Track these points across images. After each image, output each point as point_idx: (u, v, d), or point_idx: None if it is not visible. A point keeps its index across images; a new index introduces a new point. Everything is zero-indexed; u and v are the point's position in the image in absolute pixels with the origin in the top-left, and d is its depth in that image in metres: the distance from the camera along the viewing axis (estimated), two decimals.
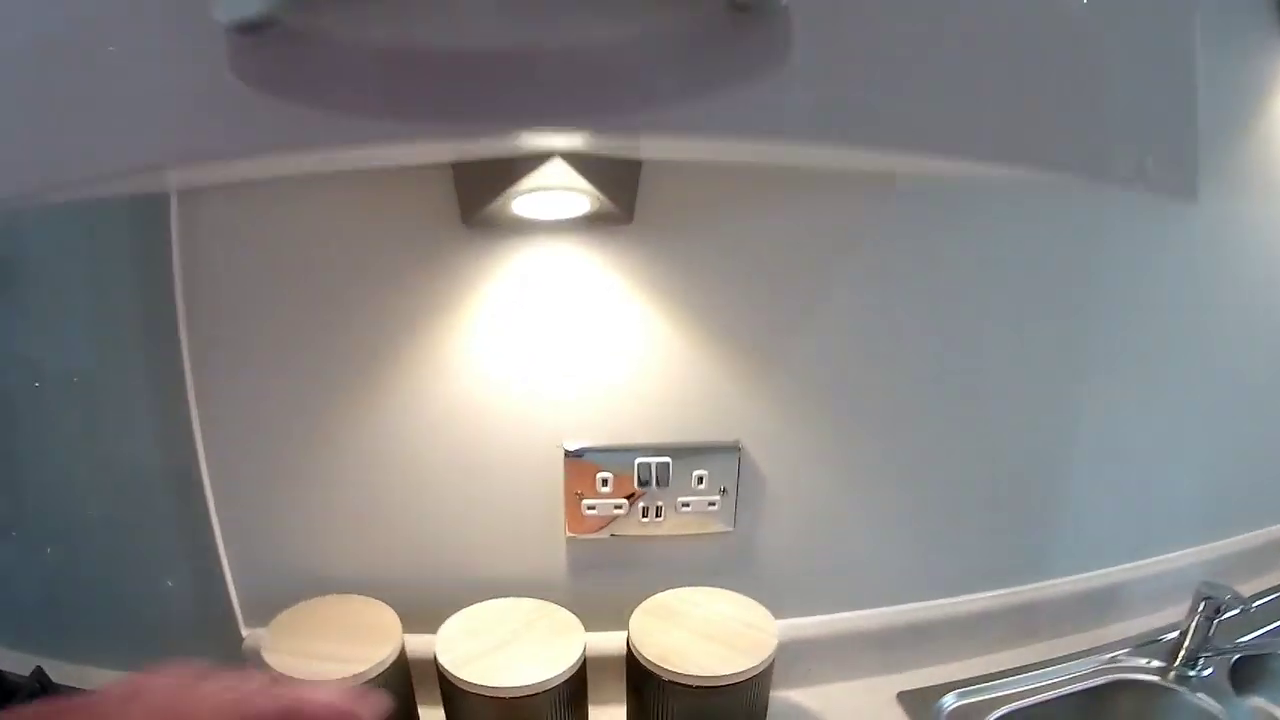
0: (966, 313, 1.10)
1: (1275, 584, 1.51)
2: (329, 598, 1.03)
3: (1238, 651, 1.30)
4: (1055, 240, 1.09)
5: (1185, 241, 1.22)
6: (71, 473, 1.04)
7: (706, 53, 0.46)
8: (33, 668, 1.02)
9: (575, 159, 0.76)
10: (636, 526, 1.06)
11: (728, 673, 0.92)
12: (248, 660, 1.04)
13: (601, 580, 1.08)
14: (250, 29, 0.38)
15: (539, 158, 0.75)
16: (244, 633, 1.08)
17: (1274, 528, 1.54)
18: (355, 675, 0.89)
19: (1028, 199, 1.05)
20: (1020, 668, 1.26)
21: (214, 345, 0.97)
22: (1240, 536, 1.49)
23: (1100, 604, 1.36)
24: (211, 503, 1.03)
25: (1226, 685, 1.27)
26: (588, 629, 0.98)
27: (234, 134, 0.43)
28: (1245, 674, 1.32)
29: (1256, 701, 1.34)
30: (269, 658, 0.91)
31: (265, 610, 1.02)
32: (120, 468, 1.03)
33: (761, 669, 0.94)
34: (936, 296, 1.08)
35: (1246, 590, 1.39)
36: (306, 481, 1.04)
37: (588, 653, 0.96)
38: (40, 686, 1.02)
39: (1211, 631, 1.25)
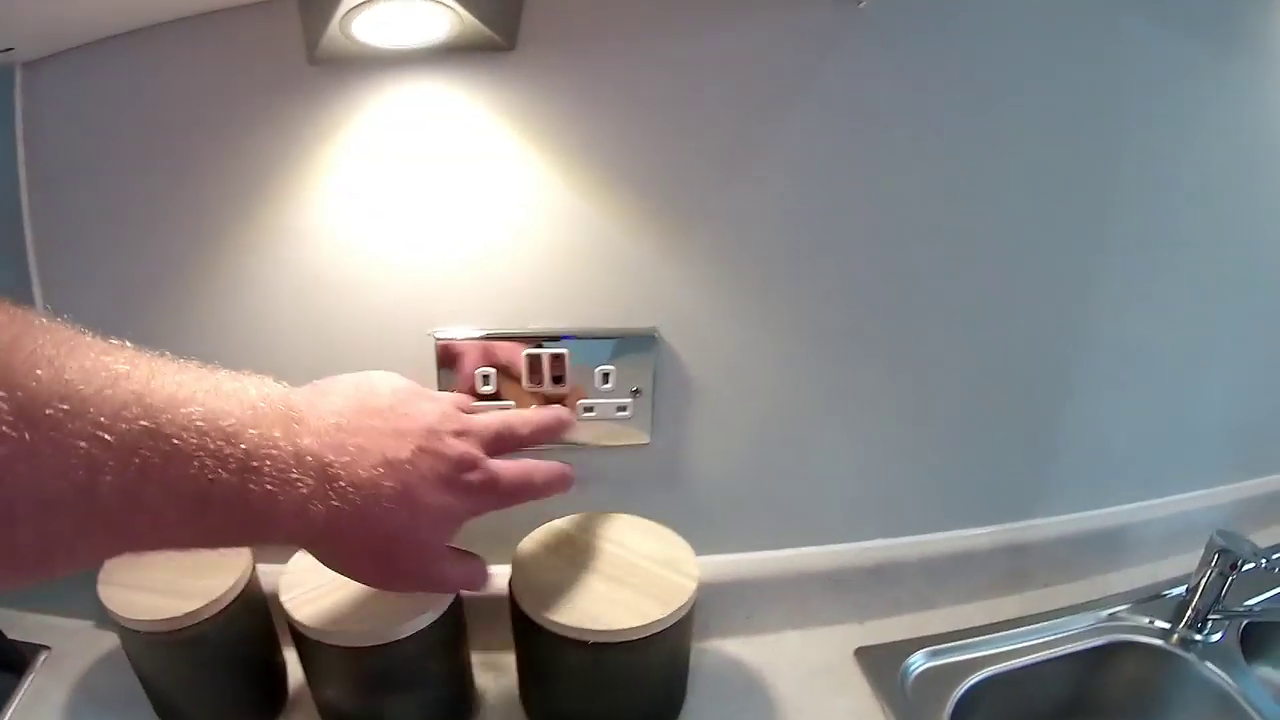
0: (950, 166, 0.91)
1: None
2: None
3: (1251, 616, 1.21)
4: (1070, 78, 0.90)
5: (1244, 85, 1.02)
6: None
7: None
8: None
9: None
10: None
11: (630, 625, 0.75)
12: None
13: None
14: None
15: None
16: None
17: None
18: (191, 612, 0.75)
19: (1035, 19, 0.86)
20: (1004, 622, 1.14)
21: (59, 229, 0.84)
22: (1272, 478, 1.37)
23: (1102, 548, 1.23)
24: None
25: (1237, 652, 1.19)
26: None
27: None
28: (1256, 638, 1.24)
29: (1265, 671, 1.27)
30: (102, 591, 0.78)
31: None
32: None
33: (674, 620, 0.77)
34: (913, 145, 0.89)
35: (1270, 538, 1.32)
36: None
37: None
38: None
39: (1225, 590, 1.15)
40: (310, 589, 0.76)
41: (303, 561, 0.79)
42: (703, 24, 0.78)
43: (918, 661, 1.04)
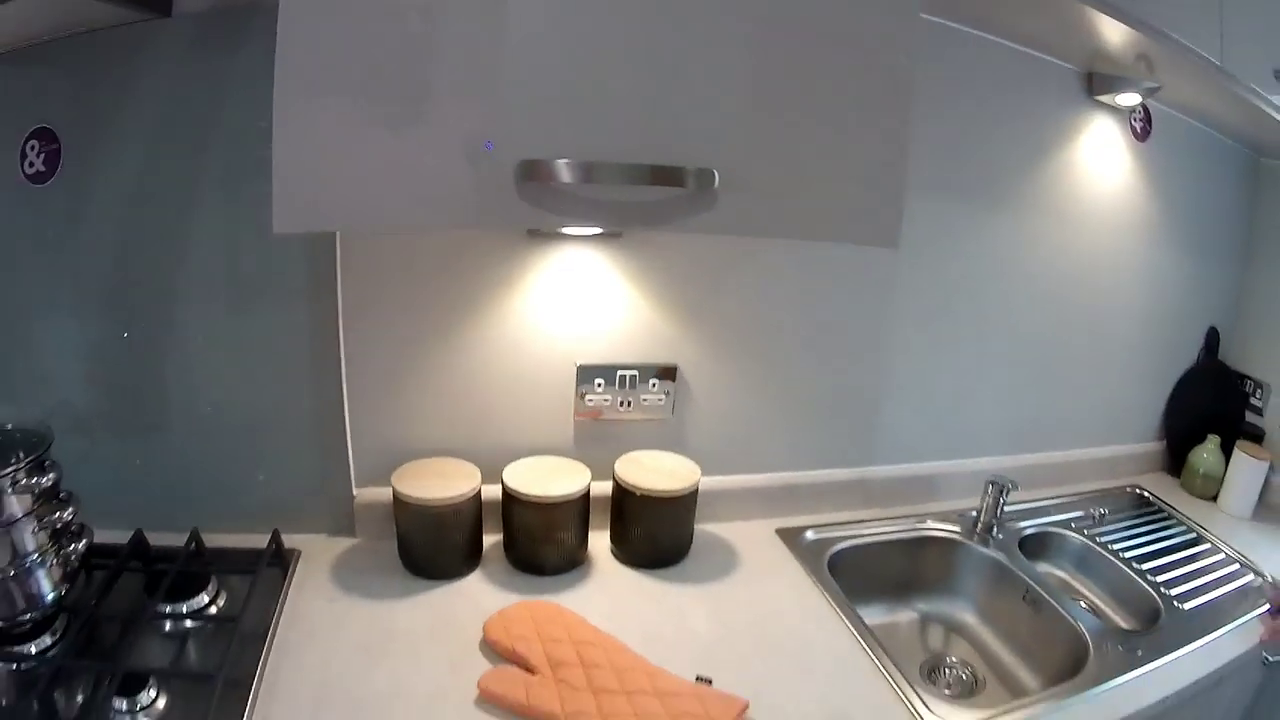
0: (825, 292, 1.89)
1: (1053, 494, 2.30)
2: (432, 459, 1.69)
3: (1019, 521, 2.03)
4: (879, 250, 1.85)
5: (1002, 238, 2.08)
6: (244, 383, 1.60)
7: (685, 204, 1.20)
8: (189, 531, 1.57)
9: None
10: (616, 413, 1.80)
11: (674, 488, 1.67)
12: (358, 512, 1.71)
13: (595, 445, 1.81)
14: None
15: None
16: (355, 492, 1.71)
17: (1051, 453, 2.37)
18: (457, 495, 1.56)
19: None
20: (858, 520, 1.99)
21: (360, 304, 1.59)
22: (1025, 456, 2.30)
23: (917, 487, 2.14)
24: (346, 406, 1.65)
25: (1016, 550, 1.98)
26: None
27: (507, 215, 1.14)
28: (1031, 547, 2.07)
29: (1044, 566, 2.09)
30: (399, 486, 1.56)
31: (372, 475, 1.70)
32: (285, 385, 1.62)
33: (692, 489, 1.70)
34: (805, 281, 1.86)
35: (1030, 494, 2.15)
36: (416, 390, 1.69)
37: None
38: (195, 548, 1.56)
39: (999, 511, 1.96)
40: (519, 481, 1.61)
41: (517, 468, 1.66)
42: None
43: (809, 535, 1.90)
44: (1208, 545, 2.20)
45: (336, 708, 1.24)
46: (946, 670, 1.88)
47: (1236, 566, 2.07)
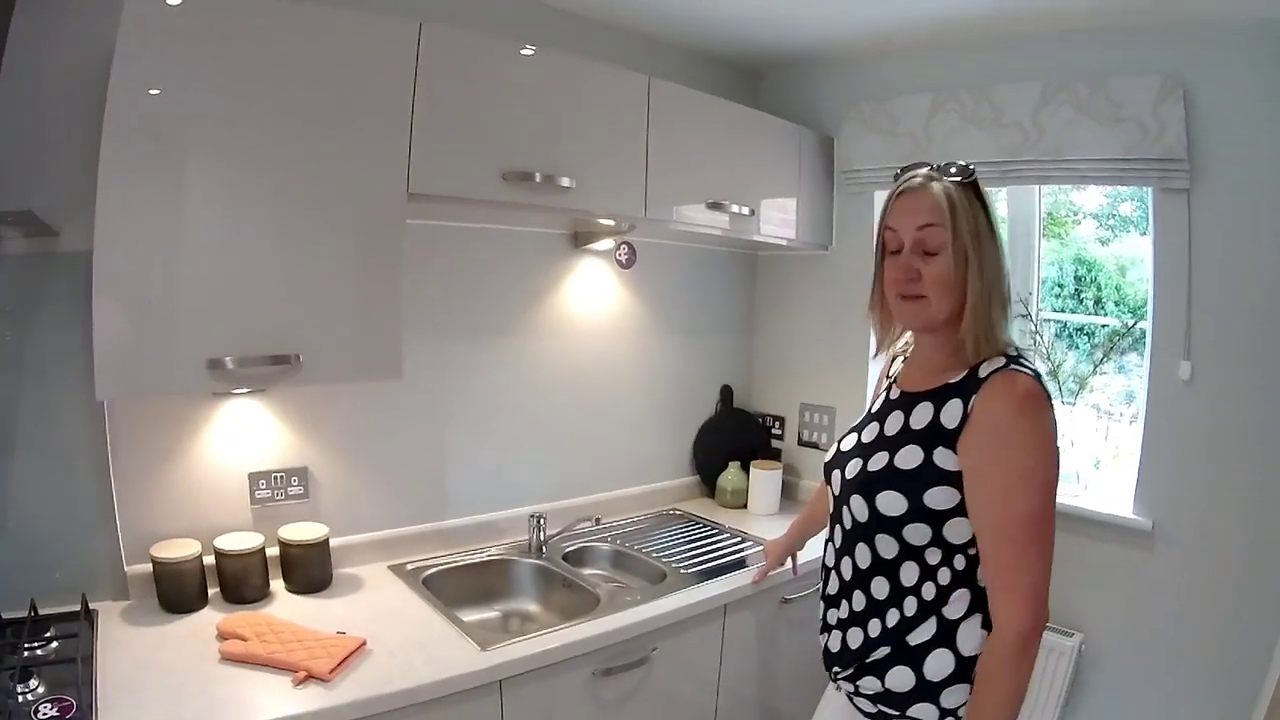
0: (396, 403, 3.40)
1: (612, 519, 3.79)
2: (170, 539, 2.74)
3: (560, 539, 3.48)
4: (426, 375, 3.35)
5: (519, 355, 3.63)
6: (52, 507, 2.58)
7: (293, 371, 2.65)
8: (29, 601, 2.42)
9: None
10: (275, 501, 3.09)
11: (312, 539, 3.03)
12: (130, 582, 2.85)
13: (266, 523, 3.07)
14: None
15: None
16: (125, 569, 2.66)
17: (573, 499, 3.83)
18: (190, 555, 2.78)
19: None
20: (445, 554, 3.37)
21: (120, 449, 2.71)
22: (556, 502, 3.70)
23: (483, 530, 3.49)
24: (117, 514, 2.71)
25: (559, 559, 3.31)
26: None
27: (204, 386, 2.66)
28: (575, 559, 3.43)
29: (590, 570, 3.41)
30: (155, 554, 2.75)
31: (134, 557, 2.66)
32: (77, 507, 2.62)
33: (324, 539, 3.03)
34: (381, 400, 3.38)
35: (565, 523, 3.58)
36: (156, 498, 2.85)
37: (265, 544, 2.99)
38: (35, 613, 2.41)
39: (542, 537, 3.42)
40: (223, 544, 2.92)
41: (221, 538, 2.97)
42: None
43: (409, 567, 3.17)
44: (726, 534, 3.75)
45: (145, 672, 2.31)
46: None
47: (748, 543, 3.63)
